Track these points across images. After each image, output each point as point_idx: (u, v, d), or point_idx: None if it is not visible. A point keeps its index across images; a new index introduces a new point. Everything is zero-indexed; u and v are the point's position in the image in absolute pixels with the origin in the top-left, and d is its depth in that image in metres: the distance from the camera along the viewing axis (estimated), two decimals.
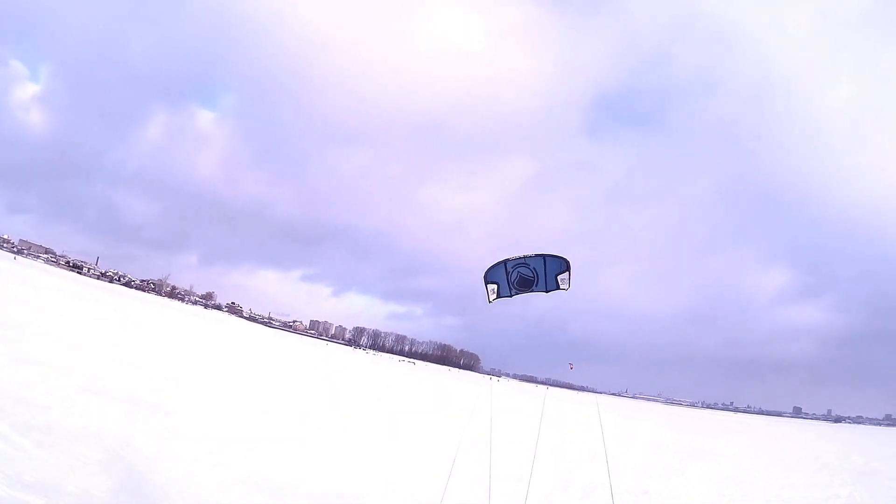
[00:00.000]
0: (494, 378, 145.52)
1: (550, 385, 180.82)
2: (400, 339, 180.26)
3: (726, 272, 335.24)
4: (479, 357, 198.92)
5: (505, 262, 8.79)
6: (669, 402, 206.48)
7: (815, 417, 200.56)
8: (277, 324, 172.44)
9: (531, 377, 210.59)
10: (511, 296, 9.14)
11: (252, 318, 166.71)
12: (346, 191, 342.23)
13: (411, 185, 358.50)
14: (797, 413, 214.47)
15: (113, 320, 31.24)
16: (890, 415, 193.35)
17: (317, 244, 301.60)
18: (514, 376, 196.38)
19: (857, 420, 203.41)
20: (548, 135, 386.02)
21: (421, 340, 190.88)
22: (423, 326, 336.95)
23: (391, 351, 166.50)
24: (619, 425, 38.18)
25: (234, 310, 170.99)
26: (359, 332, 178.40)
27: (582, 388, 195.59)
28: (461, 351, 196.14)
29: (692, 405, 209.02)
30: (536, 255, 8.69)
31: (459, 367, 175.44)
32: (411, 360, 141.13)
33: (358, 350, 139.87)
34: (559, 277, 8.61)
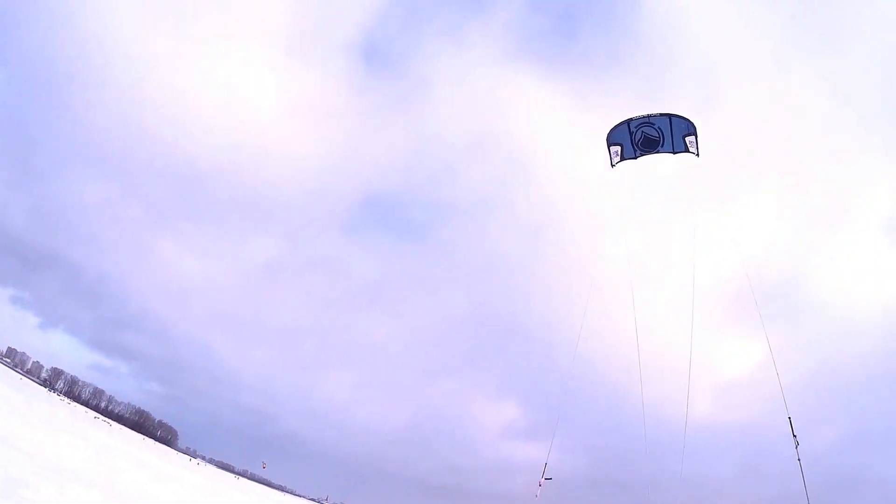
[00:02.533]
0: (194, 460, 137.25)
1: (247, 478, 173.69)
2: (98, 392, 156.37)
3: (452, 397, 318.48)
4: (178, 433, 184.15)
5: (628, 121, 7.94)
6: None
7: None
8: None
9: (228, 465, 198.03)
10: (636, 157, 8.12)
11: None
12: (82, 221, 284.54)
13: (151, 234, 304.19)
14: None
15: None
16: None
17: (37, 268, 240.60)
18: (211, 461, 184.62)
19: None
20: (307, 221, 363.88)
21: (120, 400, 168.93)
22: (125, 386, 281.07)
23: (87, 403, 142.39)
24: None
25: None
26: (56, 374, 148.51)
27: (280, 488, 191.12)
28: (160, 422, 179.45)
29: None
30: (661, 115, 7.96)
31: (156, 438, 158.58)
32: (107, 419, 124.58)
33: (52, 394, 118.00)
34: (687, 139, 7.82)
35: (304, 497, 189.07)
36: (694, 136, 8.36)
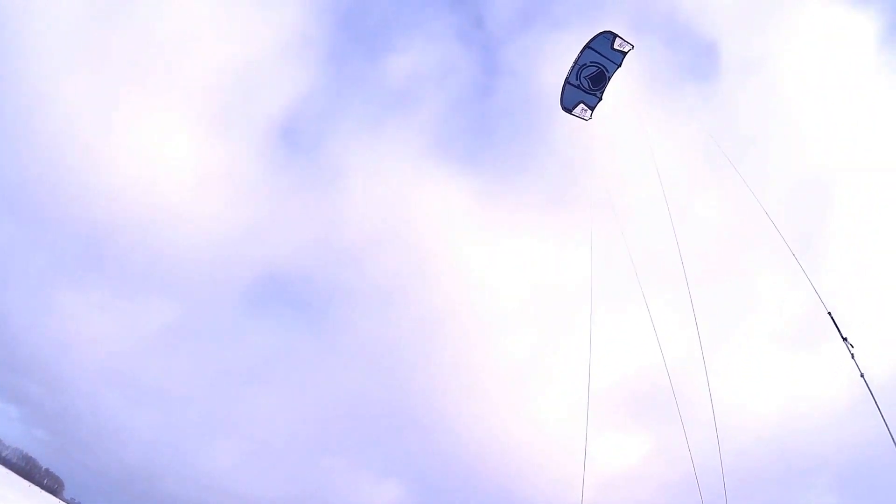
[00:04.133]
0: None
1: None
2: None
3: (334, 473, 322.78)
4: (63, 483, 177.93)
5: (566, 81, 7.80)
6: None
7: None
8: None
9: None
10: (600, 98, 7.84)
11: None
12: None
13: (52, 282, 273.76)
14: None
15: None
16: None
17: None
18: None
19: None
20: (208, 289, 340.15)
21: (7, 444, 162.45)
22: (14, 431, 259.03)
23: None
24: None
25: None
26: None
27: None
28: (46, 470, 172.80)
29: None
30: (583, 50, 7.81)
31: (42, 486, 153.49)
32: None
33: None
34: (616, 46, 7.59)
35: None
36: (618, 37, 8.30)
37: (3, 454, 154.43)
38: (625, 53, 7.90)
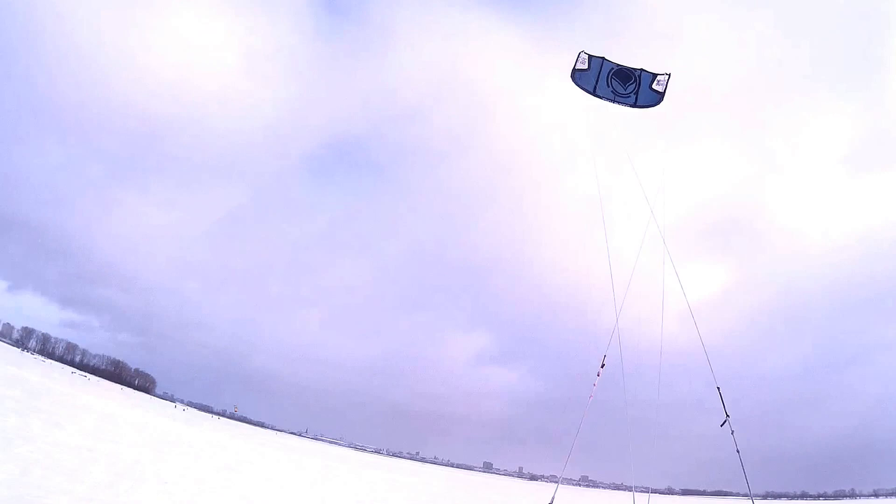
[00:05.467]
0: (179, 406, 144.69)
1: (225, 417, 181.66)
2: (71, 347, 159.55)
3: (425, 329, 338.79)
4: (155, 380, 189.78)
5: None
6: (353, 446, 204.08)
7: (506, 473, 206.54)
8: None
9: (207, 406, 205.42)
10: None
11: None
12: (43, 184, 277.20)
13: (112, 190, 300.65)
14: (488, 468, 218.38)
15: None
16: (586, 476, 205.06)
17: (0, 232, 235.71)
18: (190, 404, 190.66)
19: (553, 479, 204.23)
20: (268, 166, 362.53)
21: (94, 353, 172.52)
22: (98, 339, 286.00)
23: (61, 359, 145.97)
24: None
25: None
26: (27, 333, 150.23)
27: (260, 424, 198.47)
28: (136, 370, 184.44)
29: (377, 451, 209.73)
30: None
31: (134, 387, 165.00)
32: (84, 373, 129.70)
33: (26, 353, 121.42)
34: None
35: (284, 431, 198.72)
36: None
37: (92, 363, 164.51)
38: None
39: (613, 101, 10.04)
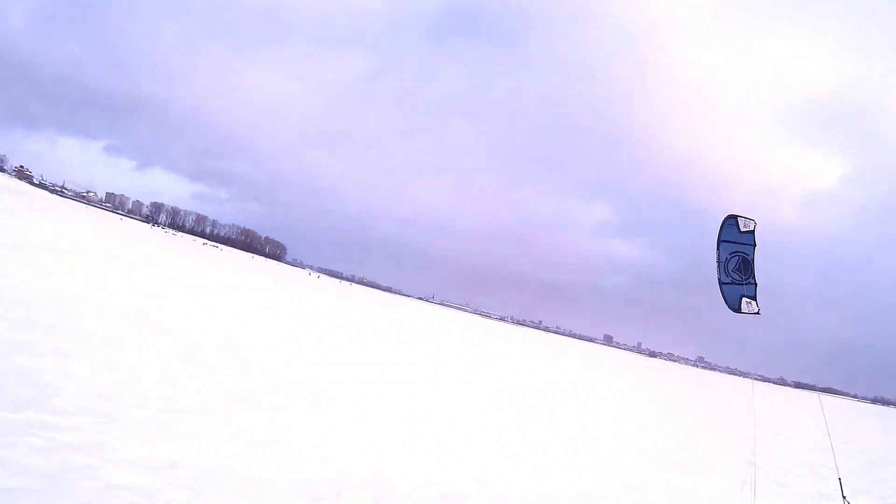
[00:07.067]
0: (315, 274, 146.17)
1: (356, 282, 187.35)
2: (201, 219, 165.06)
3: (548, 198, 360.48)
4: (286, 247, 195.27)
5: (720, 283, 6.92)
6: (478, 312, 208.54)
7: (626, 348, 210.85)
8: (70, 194, 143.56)
9: (337, 272, 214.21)
10: (756, 284, 6.99)
11: (42, 186, 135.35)
12: (163, 62, 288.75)
13: (234, 65, 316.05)
14: (608, 341, 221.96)
15: None
16: (702, 357, 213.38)
17: (125, 114, 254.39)
18: (319, 269, 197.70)
19: (670, 357, 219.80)
20: (390, 33, 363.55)
21: (223, 223, 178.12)
22: (227, 210, 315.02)
23: (191, 231, 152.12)
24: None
25: (22, 175, 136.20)
26: (157, 208, 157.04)
27: (387, 289, 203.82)
28: (266, 238, 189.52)
29: (501, 319, 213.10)
30: (718, 248, 6.88)
31: (265, 255, 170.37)
32: (215, 244, 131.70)
33: (156, 228, 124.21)
34: (742, 229, 6.68)
35: (411, 297, 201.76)
36: (739, 218, 6.80)
37: (222, 233, 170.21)
38: (753, 231, 6.79)
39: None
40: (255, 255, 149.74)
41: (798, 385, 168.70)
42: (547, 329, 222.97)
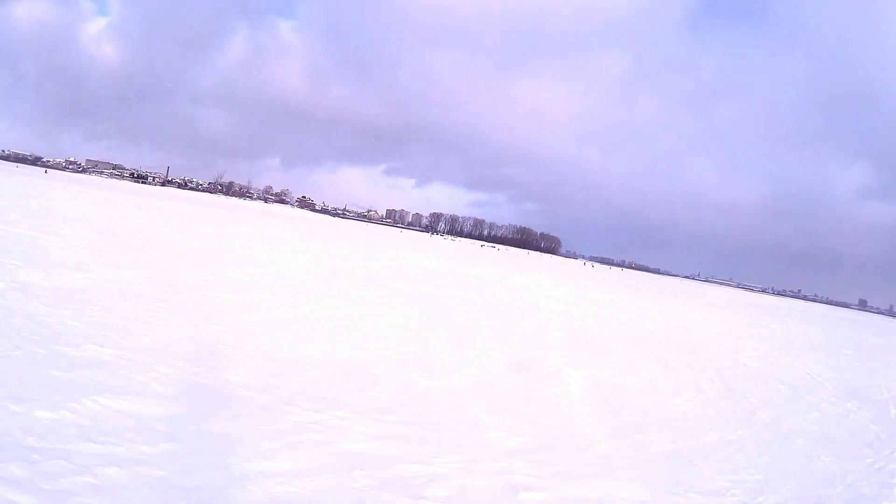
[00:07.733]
0: (589, 263, 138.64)
1: (625, 267, 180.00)
2: (478, 223, 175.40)
3: (808, 165, 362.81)
4: (560, 240, 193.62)
5: None
6: (741, 286, 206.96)
7: (878, 312, 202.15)
8: (352, 214, 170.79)
9: (608, 259, 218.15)
10: None
11: (324, 211, 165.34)
12: (433, 88, 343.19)
13: (501, 80, 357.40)
14: (863, 305, 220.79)
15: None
16: None
17: (401, 141, 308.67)
18: (591, 258, 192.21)
19: None
20: (646, 29, 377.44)
21: (500, 224, 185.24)
22: (503, 212, 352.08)
23: (469, 235, 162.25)
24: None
25: (304, 203, 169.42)
26: (436, 217, 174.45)
27: (656, 271, 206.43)
28: (541, 234, 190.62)
29: (763, 291, 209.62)
30: None
31: (540, 249, 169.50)
32: (493, 244, 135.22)
33: (435, 235, 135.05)
34: None
35: (678, 276, 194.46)
36: None
37: (499, 234, 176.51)
38: None
39: None
40: (530, 250, 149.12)
41: None
42: (805, 297, 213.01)
